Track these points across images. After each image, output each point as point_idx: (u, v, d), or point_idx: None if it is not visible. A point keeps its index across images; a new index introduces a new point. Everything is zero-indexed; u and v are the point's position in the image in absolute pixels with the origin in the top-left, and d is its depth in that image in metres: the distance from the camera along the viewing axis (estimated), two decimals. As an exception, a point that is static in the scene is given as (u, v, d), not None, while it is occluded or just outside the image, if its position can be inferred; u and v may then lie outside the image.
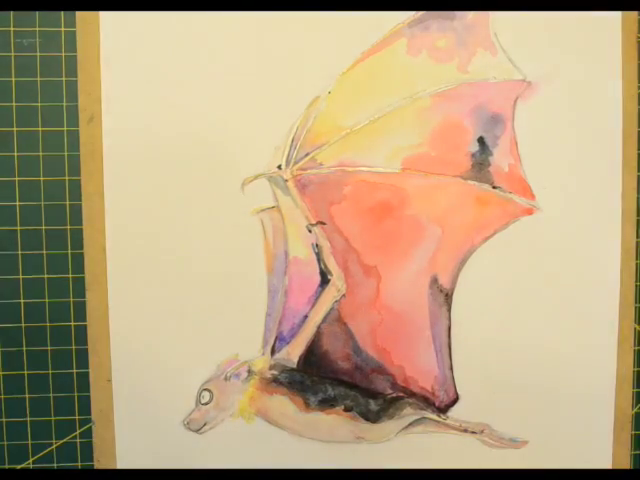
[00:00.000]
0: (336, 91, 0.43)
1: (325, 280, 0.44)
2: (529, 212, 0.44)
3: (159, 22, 0.43)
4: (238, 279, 0.44)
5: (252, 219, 0.44)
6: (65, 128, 0.44)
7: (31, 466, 0.45)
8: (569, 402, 0.45)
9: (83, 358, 0.44)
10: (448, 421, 0.45)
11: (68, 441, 0.45)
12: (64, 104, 0.43)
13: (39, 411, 0.45)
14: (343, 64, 0.43)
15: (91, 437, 0.45)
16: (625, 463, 0.46)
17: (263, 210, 0.43)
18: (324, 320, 0.44)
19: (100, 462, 0.44)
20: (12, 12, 0.43)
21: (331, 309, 0.44)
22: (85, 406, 0.45)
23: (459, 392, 0.45)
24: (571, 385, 0.45)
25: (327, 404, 0.44)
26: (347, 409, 0.44)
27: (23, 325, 0.44)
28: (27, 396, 0.45)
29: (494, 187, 0.44)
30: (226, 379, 0.44)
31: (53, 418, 0.45)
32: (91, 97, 0.43)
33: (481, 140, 0.44)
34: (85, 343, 0.44)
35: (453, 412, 0.45)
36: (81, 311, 0.44)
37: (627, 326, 0.45)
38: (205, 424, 0.44)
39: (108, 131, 0.43)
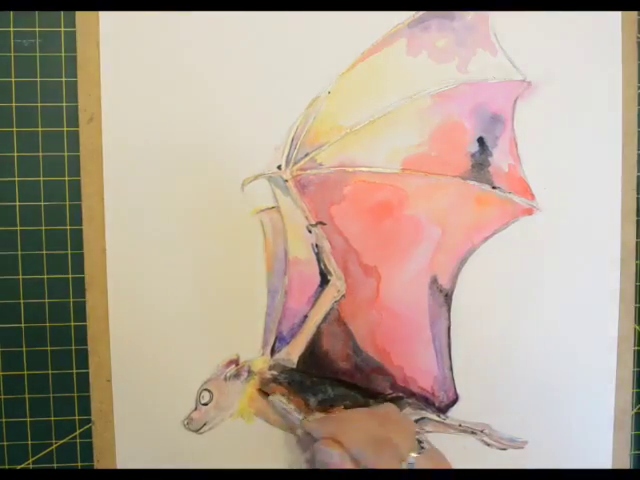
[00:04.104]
0: (336, 91, 0.43)
1: (325, 280, 0.44)
2: (529, 212, 0.44)
3: (159, 22, 0.42)
4: (238, 279, 0.44)
5: (252, 219, 0.44)
6: (65, 128, 0.44)
7: (31, 466, 0.45)
8: (569, 402, 0.45)
9: (83, 358, 0.44)
10: (448, 421, 0.45)
11: (68, 441, 0.45)
12: (64, 104, 0.43)
13: (39, 411, 0.45)
14: (343, 64, 0.43)
15: (91, 437, 0.45)
16: (625, 463, 0.46)
17: (263, 210, 0.43)
18: (324, 320, 0.44)
19: (100, 462, 0.44)
20: (12, 12, 0.43)
21: (331, 309, 0.44)
22: (85, 406, 0.45)
23: (459, 392, 0.45)
24: (571, 385, 0.45)
25: (327, 404, 0.44)
26: (347, 409, 0.44)
27: (23, 325, 0.44)
28: (27, 396, 0.45)
29: (494, 187, 0.44)
30: (226, 379, 0.44)
31: (53, 418, 0.45)
32: (91, 97, 0.43)
33: (481, 140, 0.44)
34: (85, 343, 0.44)
35: (453, 412, 0.45)
36: (81, 311, 0.44)
37: (627, 326, 0.45)
38: (205, 424, 0.44)
39: (108, 131, 0.43)
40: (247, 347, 0.44)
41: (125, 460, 0.44)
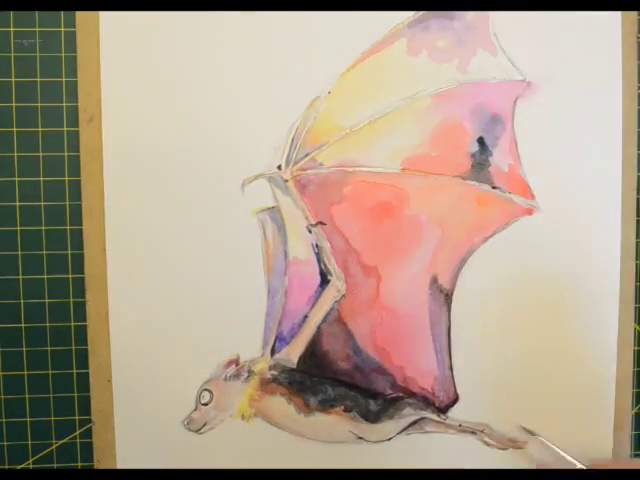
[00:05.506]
0: (336, 91, 0.43)
1: (325, 280, 0.44)
2: (529, 212, 0.44)
3: (159, 22, 0.43)
4: (238, 279, 0.44)
5: (252, 219, 0.44)
6: (65, 128, 0.44)
7: (31, 466, 0.45)
8: (569, 402, 0.45)
9: (83, 358, 0.44)
10: (448, 421, 0.45)
11: (68, 441, 0.45)
12: (64, 104, 0.43)
13: (39, 411, 0.45)
14: (343, 64, 0.43)
15: (91, 437, 0.45)
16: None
17: (263, 210, 0.43)
18: (324, 320, 0.44)
19: (100, 462, 0.44)
20: (12, 12, 0.43)
21: (331, 309, 0.44)
22: (85, 406, 0.45)
23: (459, 392, 0.45)
24: (571, 385, 0.45)
25: (327, 404, 0.44)
26: (347, 409, 0.44)
27: (23, 325, 0.44)
28: (27, 396, 0.45)
29: (494, 187, 0.44)
30: (226, 379, 0.44)
31: (53, 418, 0.45)
32: (91, 97, 0.43)
33: (481, 140, 0.44)
34: (85, 343, 0.44)
35: (453, 412, 0.45)
36: (81, 311, 0.44)
37: (627, 326, 0.45)
38: (205, 424, 0.44)
39: (108, 131, 0.43)
40: (247, 347, 0.44)
41: (125, 460, 0.44)
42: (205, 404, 0.44)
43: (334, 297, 0.44)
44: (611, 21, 0.44)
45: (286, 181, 0.43)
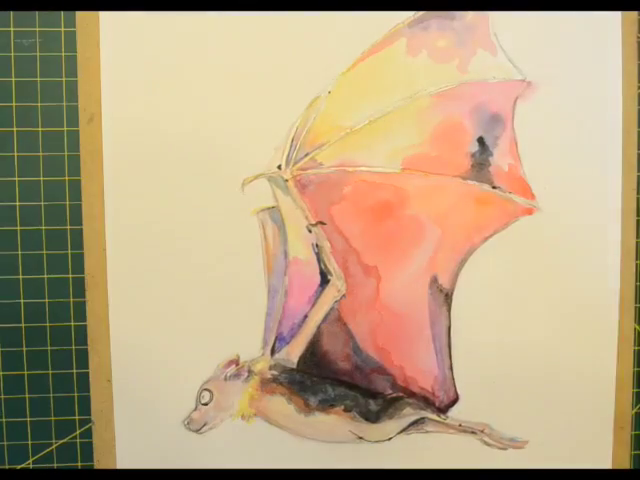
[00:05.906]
0: (336, 91, 0.43)
1: (325, 280, 0.44)
2: (529, 212, 0.44)
3: (159, 22, 0.43)
4: (238, 279, 0.44)
5: (252, 219, 0.44)
6: (65, 128, 0.44)
7: (31, 466, 0.45)
8: (569, 402, 0.45)
9: (83, 358, 0.44)
10: (448, 421, 0.45)
11: (68, 441, 0.45)
12: (64, 104, 0.44)
13: (39, 411, 0.45)
14: (343, 64, 0.43)
15: (91, 437, 0.45)
16: (625, 463, 0.46)
17: (263, 210, 0.43)
18: (324, 320, 0.44)
19: (100, 462, 0.44)
20: (12, 12, 0.43)
21: (331, 309, 0.44)
22: (85, 406, 0.45)
23: (459, 392, 0.45)
24: (571, 385, 0.45)
25: (327, 404, 0.44)
26: (347, 409, 0.44)
27: (23, 325, 0.44)
28: (27, 396, 0.45)
29: (494, 187, 0.44)
30: (226, 379, 0.44)
31: (53, 418, 0.45)
32: (91, 97, 0.43)
33: (481, 140, 0.44)
34: (85, 343, 0.44)
35: (453, 412, 0.45)
36: (81, 311, 0.44)
37: (627, 326, 0.45)
38: (205, 424, 0.44)
39: (108, 131, 0.43)
40: (247, 347, 0.44)
41: (125, 460, 0.44)
42: (205, 404, 0.44)
43: (334, 297, 0.44)
44: (611, 21, 0.44)
45: (286, 181, 0.43)
